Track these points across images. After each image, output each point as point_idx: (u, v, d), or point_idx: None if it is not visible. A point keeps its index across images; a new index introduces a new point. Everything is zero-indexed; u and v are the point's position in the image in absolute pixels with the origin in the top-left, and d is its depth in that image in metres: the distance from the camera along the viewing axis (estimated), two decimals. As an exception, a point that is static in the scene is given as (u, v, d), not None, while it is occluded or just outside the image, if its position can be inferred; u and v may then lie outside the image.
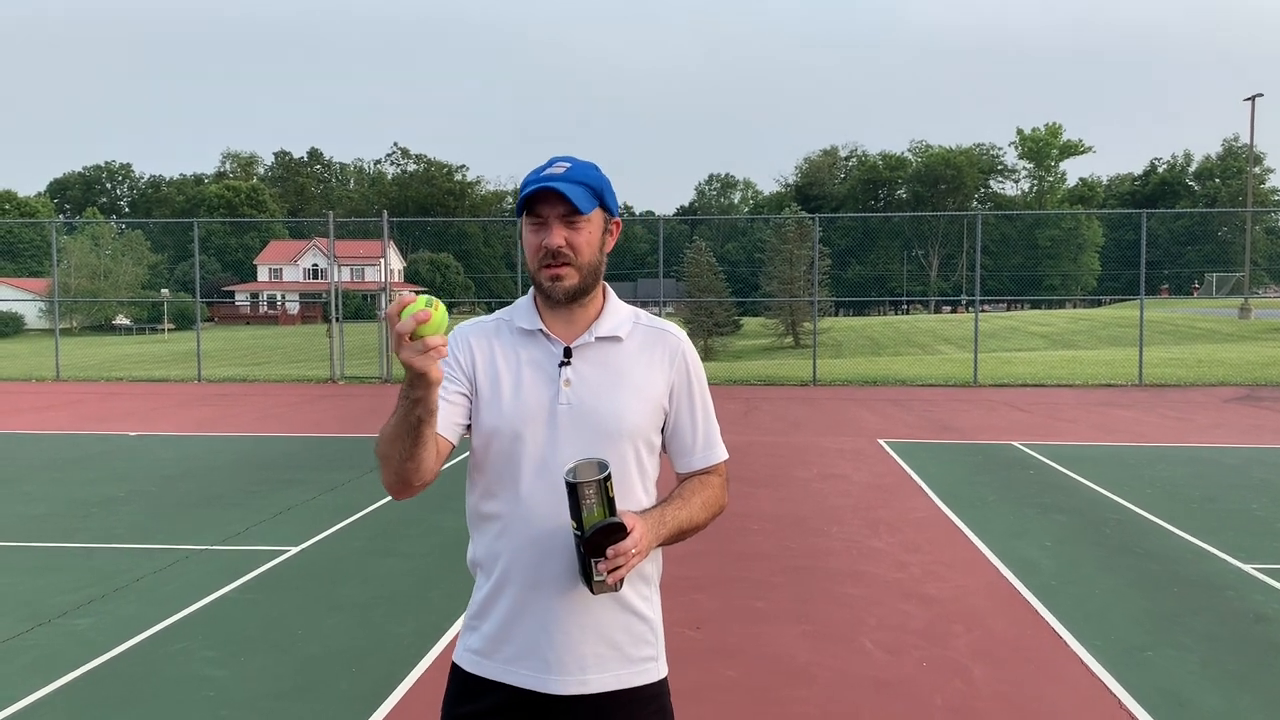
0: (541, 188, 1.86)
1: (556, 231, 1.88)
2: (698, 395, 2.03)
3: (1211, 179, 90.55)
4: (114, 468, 10.06)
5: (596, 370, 1.93)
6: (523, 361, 1.94)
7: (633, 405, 1.92)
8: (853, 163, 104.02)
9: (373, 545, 6.95)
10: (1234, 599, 5.69)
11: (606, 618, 1.90)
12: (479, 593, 1.97)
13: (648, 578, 1.97)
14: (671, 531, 1.89)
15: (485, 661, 1.93)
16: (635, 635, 1.93)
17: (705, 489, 2.02)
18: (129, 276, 65.33)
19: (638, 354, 1.97)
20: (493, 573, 1.93)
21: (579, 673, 1.88)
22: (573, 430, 1.88)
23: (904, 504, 8.27)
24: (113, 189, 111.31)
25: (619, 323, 1.98)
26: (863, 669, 4.67)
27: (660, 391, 1.97)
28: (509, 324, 1.99)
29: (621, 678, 1.91)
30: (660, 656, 1.98)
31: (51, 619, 5.36)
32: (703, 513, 1.98)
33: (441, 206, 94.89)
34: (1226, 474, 9.52)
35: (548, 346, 1.94)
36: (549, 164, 1.92)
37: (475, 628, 1.96)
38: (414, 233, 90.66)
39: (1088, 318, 44.15)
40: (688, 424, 2.02)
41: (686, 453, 2.03)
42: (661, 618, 2.01)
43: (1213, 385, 18.44)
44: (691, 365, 2.03)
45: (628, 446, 1.91)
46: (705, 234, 78.03)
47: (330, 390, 18.74)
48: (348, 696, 4.35)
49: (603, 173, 1.95)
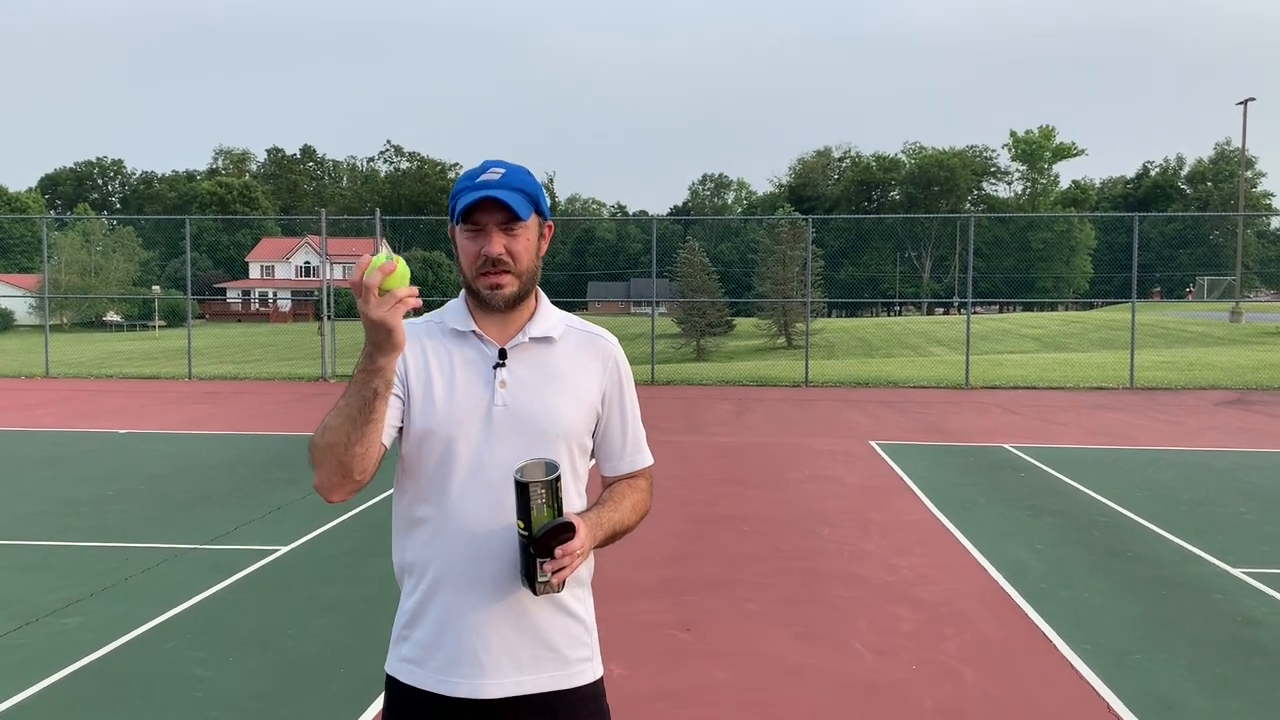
0: (482, 196, 1.84)
1: (496, 239, 1.86)
2: (628, 400, 2.05)
3: (1203, 182, 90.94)
4: (103, 466, 10.02)
5: (531, 372, 1.93)
6: (455, 362, 1.91)
7: (569, 407, 1.93)
8: (846, 164, 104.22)
9: (363, 545, 6.93)
10: (1222, 603, 5.71)
11: (542, 620, 1.89)
12: (408, 600, 1.94)
13: (581, 579, 1.97)
14: (606, 534, 1.91)
15: (418, 670, 1.90)
16: (572, 636, 1.93)
17: (634, 492, 2.03)
18: (120, 273, 65.09)
19: (571, 356, 1.97)
20: (424, 578, 1.90)
21: (514, 674, 1.87)
22: (508, 432, 1.87)
23: (895, 506, 8.28)
24: (104, 185, 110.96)
25: (551, 325, 1.98)
26: (853, 671, 4.68)
27: (594, 395, 1.98)
28: (440, 325, 1.97)
29: (558, 679, 1.90)
30: (596, 656, 1.98)
31: (40, 618, 5.33)
32: (633, 515, 2.00)
33: (434, 205, 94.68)
34: (1216, 478, 9.55)
35: (481, 348, 1.93)
36: (483, 169, 1.90)
37: (407, 636, 1.93)
38: (406, 231, 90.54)
39: (1079, 320, 44.25)
40: (618, 428, 2.03)
41: (615, 456, 2.05)
42: (594, 618, 2.02)
43: (1203, 389, 18.50)
44: (623, 370, 2.04)
45: (563, 448, 1.91)
46: (698, 234, 77.93)
47: (322, 388, 18.70)
48: (337, 697, 4.34)
49: (534, 177, 1.94)
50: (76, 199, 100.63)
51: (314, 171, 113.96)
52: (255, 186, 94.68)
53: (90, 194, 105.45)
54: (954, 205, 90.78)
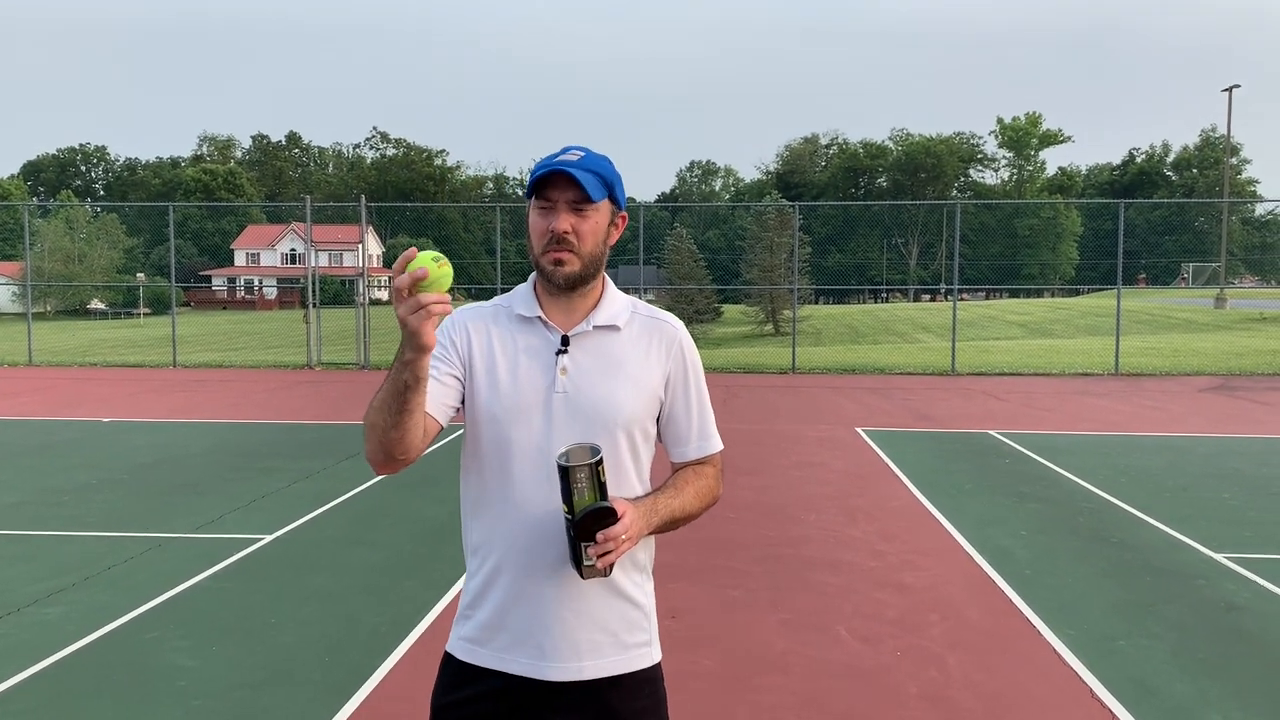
0: (554, 170, 1.85)
1: (564, 216, 1.88)
2: (693, 385, 2.04)
3: (1189, 169, 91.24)
4: (86, 454, 9.95)
5: (593, 359, 1.93)
6: (519, 348, 1.94)
7: (628, 394, 1.93)
8: (834, 151, 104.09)
9: (348, 533, 6.91)
10: (1205, 588, 5.75)
11: (601, 605, 1.90)
12: (472, 581, 1.97)
13: (641, 565, 1.98)
14: (664, 519, 1.90)
15: (479, 649, 1.93)
16: (629, 621, 1.95)
17: (699, 479, 2.03)
18: (104, 260, 64.61)
19: (634, 343, 1.98)
20: (487, 560, 1.93)
21: (574, 659, 1.89)
22: (568, 418, 1.88)
23: (881, 492, 8.30)
24: (87, 171, 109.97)
25: (616, 311, 1.98)
26: (838, 657, 4.69)
27: (656, 381, 1.98)
28: (507, 310, 1.99)
29: (616, 663, 1.92)
30: (654, 642, 2.01)
31: (21, 608, 5.30)
32: (696, 502, 1.99)
33: (421, 192, 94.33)
34: (1200, 463, 9.61)
35: (545, 334, 1.94)
36: (562, 151, 1.91)
37: (469, 616, 1.96)
38: (393, 218, 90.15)
39: (1065, 307, 44.43)
40: (683, 413, 2.03)
41: (681, 442, 2.04)
42: (655, 604, 2.03)
43: (1188, 375, 18.61)
44: (688, 355, 2.03)
45: (622, 435, 1.92)
46: (686, 221, 77.78)
47: (307, 376, 18.62)
48: (321, 686, 4.32)
49: (615, 167, 1.96)
50: (59, 186, 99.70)
51: (299, 158, 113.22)
52: (240, 173, 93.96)
53: (73, 181, 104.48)
54: (941, 192, 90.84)
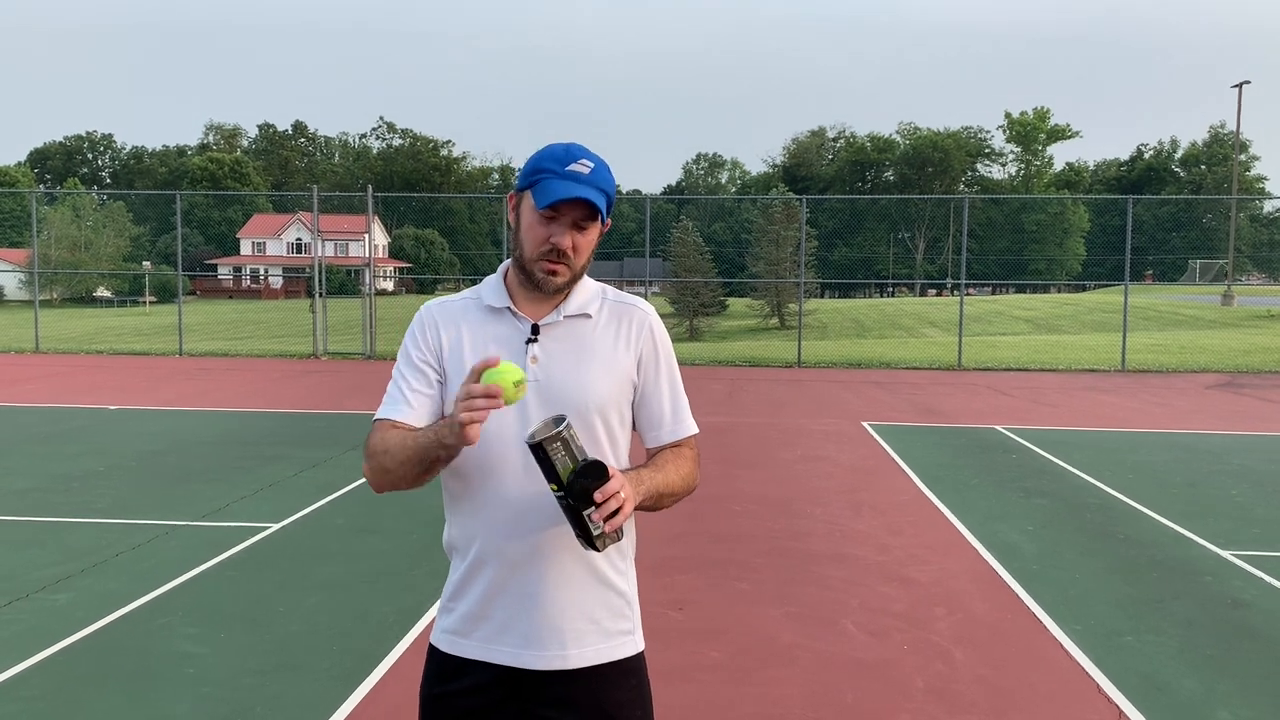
0: (574, 197, 1.85)
1: (569, 233, 1.89)
2: (664, 369, 2.02)
3: (1197, 165, 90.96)
4: (94, 442, 9.98)
5: (564, 347, 1.93)
6: (489, 340, 1.94)
7: (600, 377, 1.93)
8: (840, 144, 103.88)
9: (355, 523, 6.93)
10: (1212, 584, 5.74)
11: (584, 593, 1.91)
12: (454, 574, 1.97)
13: (623, 551, 1.97)
14: (649, 492, 1.85)
15: (463, 641, 1.93)
16: (613, 609, 1.95)
17: (679, 459, 2.00)
18: (110, 248, 64.65)
19: (605, 329, 1.98)
20: (468, 553, 1.93)
21: (558, 648, 1.89)
22: (541, 406, 1.87)
23: (887, 487, 8.30)
24: (94, 159, 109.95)
25: (587, 300, 1.98)
26: (844, 651, 4.69)
27: (628, 365, 1.98)
28: (476, 302, 2.00)
29: (600, 651, 1.92)
30: (637, 630, 2.00)
31: (30, 594, 5.32)
32: (679, 480, 1.97)
33: (427, 182, 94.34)
34: (1207, 460, 9.59)
35: (514, 323, 1.95)
36: (568, 155, 1.89)
37: (451, 609, 1.97)
38: (399, 208, 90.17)
39: (1072, 302, 44.34)
40: (655, 396, 2.02)
41: (655, 425, 2.03)
42: (637, 591, 2.02)
43: (1195, 371, 18.56)
44: (659, 339, 2.02)
45: (597, 419, 1.91)
46: (692, 214, 77.71)
47: (313, 366, 18.64)
48: (329, 674, 4.34)
49: (613, 174, 1.96)
50: (66, 173, 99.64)
51: (306, 148, 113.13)
52: (246, 162, 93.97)
53: (80, 168, 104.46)
54: (948, 186, 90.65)
